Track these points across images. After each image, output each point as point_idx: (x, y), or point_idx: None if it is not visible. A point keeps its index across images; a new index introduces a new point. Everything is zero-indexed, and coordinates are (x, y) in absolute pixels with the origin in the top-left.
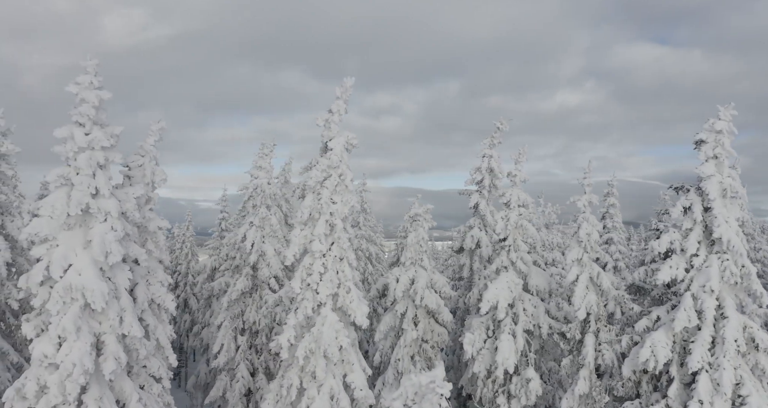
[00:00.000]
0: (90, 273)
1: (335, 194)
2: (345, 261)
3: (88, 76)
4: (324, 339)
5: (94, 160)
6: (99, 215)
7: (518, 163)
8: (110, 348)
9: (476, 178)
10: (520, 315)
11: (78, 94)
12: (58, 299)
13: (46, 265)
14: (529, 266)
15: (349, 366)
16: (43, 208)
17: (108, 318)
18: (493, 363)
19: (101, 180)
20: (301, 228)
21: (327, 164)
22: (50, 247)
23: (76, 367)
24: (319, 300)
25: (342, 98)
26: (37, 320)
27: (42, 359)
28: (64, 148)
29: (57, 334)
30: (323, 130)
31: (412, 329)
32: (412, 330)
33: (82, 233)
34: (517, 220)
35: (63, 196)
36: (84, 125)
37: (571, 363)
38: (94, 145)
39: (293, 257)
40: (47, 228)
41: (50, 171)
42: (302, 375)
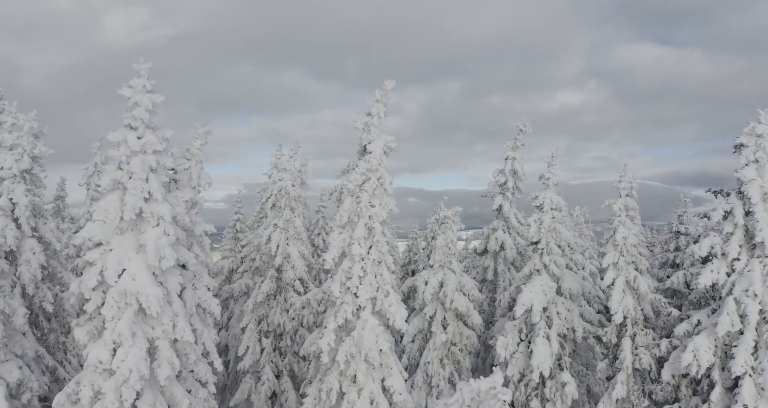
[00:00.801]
0: (144, 278)
1: (374, 198)
2: (383, 264)
3: (141, 80)
4: (365, 343)
5: (147, 164)
6: (152, 220)
7: (551, 165)
8: (164, 353)
9: (499, 181)
10: (554, 318)
11: (131, 97)
12: (112, 304)
13: (99, 270)
14: (562, 269)
15: (388, 370)
16: (97, 212)
17: (161, 323)
18: (527, 366)
19: (154, 184)
20: (340, 231)
21: (366, 167)
22: (104, 251)
23: (132, 373)
24: (359, 303)
25: (381, 101)
26: (89, 325)
27: (97, 365)
28: (117, 152)
29: (112, 339)
30: (362, 133)
31: (441, 332)
32: (441, 333)
33: (134, 237)
34: (551, 223)
35: (116, 200)
36: (137, 129)
37: (607, 367)
38: (146, 148)
39: (332, 260)
40: (101, 232)
41: (103, 175)
42: (341, 379)
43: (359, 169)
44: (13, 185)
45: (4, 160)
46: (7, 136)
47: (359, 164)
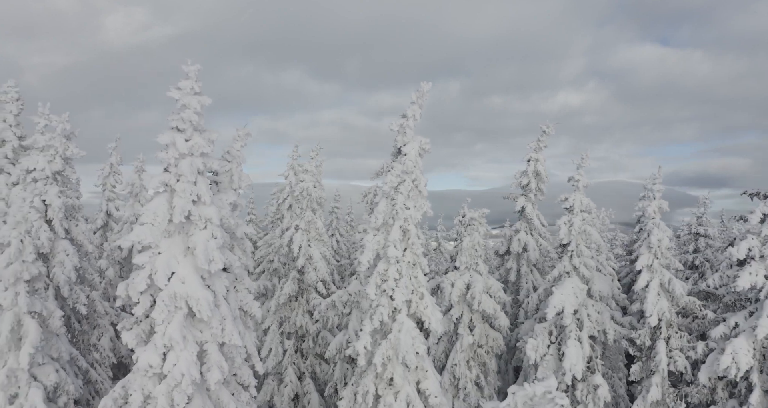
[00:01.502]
0: (193, 281)
1: (408, 200)
2: (418, 266)
3: (189, 82)
4: (402, 346)
5: (195, 167)
6: (199, 223)
7: (580, 167)
8: (213, 357)
9: (522, 182)
10: (585, 321)
11: (179, 99)
12: (163, 308)
13: (149, 273)
14: (591, 271)
15: (423, 373)
16: (145, 215)
17: (211, 327)
18: (558, 369)
19: (202, 187)
20: (374, 233)
21: (401, 169)
22: (152, 254)
23: (184, 377)
24: (394, 306)
25: (417, 103)
26: (137, 329)
27: (147, 369)
28: (166, 155)
29: (163, 343)
30: (397, 135)
31: (468, 334)
32: (468, 335)
33: (181, 240)
34: (581, 225)
35: (164, 203)
36: (185, 131)
37: (641, 369)
38: (194, 151)
39: (368, 263)
40: (150, 235)
41: (151, 177)
42: (377, 382)
43: (394, 171)
44: (46, 187)
45: (36, 162)
46: (40, 138)
47: (394, 166)
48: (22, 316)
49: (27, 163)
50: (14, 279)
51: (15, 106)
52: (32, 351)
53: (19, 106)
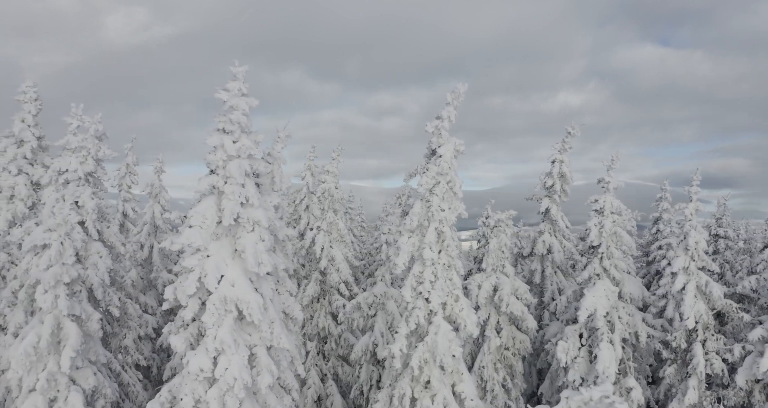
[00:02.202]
0: (243, 284)
1: (443, 201)
2: (453, 269)
3: (237, 83)
4: (439, 349)
5: (242, 169)
6: (247, 225)
7: (610, 169)
8: (262, 361)
9: (547, 183)
10: (616, 323)
11: (227, 101)
12: (214, 311)
13: (198, 276)
14: (622, 274)
15: (458, 375)
16: (194, 218)
17: (260, 330)
18: (589, 372)
19: (250, 189)
20: (409, 235)
21: (436, 171)
22: (201, 257)
23: (237, 382)
24: (430, 308)
25: (452, 104)
26: (185, 333)
27: (198, 373)
28: (214, 157)
29: (214, 347)
30: (432, 137)
31: (495, 337)
32: (495, 337)
33: (229, 243)
34: (612, 228)
35: (212, 205)
36: (232, 133)
37: (676, 372)
38: (241, 153)
39: (403, 265)
40: (199, 238)
41: (200, 180)
42: (413, 384)
43: (430, 173)
44: (79, 188)
45: (69, 163)
46: (72, 139)
47: (429, 168)
48: (61, 319)
49: (59, 164)
50: (54, 282)
51: (33, 106)
52: (73, 354)
53: (37, 106)
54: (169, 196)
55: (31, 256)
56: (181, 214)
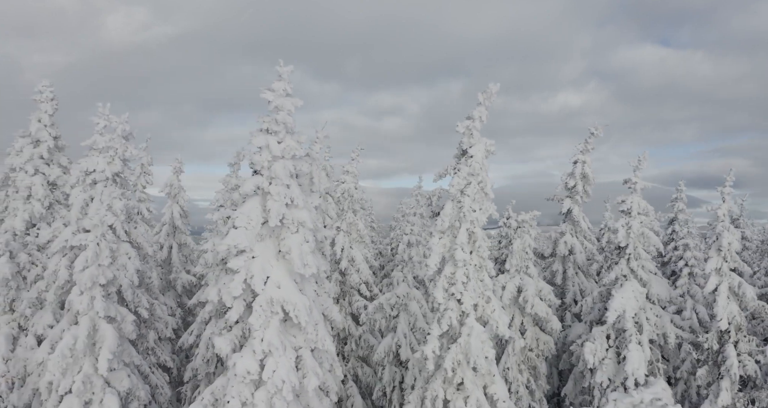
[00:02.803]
0: (289, 286)
1: (474, 202)
2: (484, 269)
3: (282, 83)
4: (472, 350)
5: (287, 169)
6: (291, 226)
7: (637, 170)
8: (308, 363)
9: (569, 184)
10: (644, 324)
11: (272, 101)
12: (261, 313)
13: (244, 278)
14: (649, 275)
15: (490, 377)
16: (239, 219)
17: (306, 332)
18: (617, 373)
19: (295, 190)
20: (440, 236)
21: (467, 172)
22: (247, 259)
23: (285, 384)
24: (462, 310)
25: (484, 104)
26: (230, 335)
27: (245, 375)
28: (259, 157)
29: (261, 349)
30: (463, 137)
31: (519, 338)
32: (519, 338)
33: (273, 244)
34: (639, 228)
35: (257, 206)
36: (277, 133)
37: (707, 373)
38: (286, 153)
39: (435, 266)
40: (245, 239)
41: (245, 181)
42: (445, 386)
43: (461, 174)
44: (107, 188)
45: (96, 163)
46: (99, 139)
47: (461, 168)
48: (97, 321)
49: (86, 165)
50: (91, 283)
51: (50, 105)
52: (110, 357)
53: (53, 106)
54: (188, 197)
55: (60, 257)
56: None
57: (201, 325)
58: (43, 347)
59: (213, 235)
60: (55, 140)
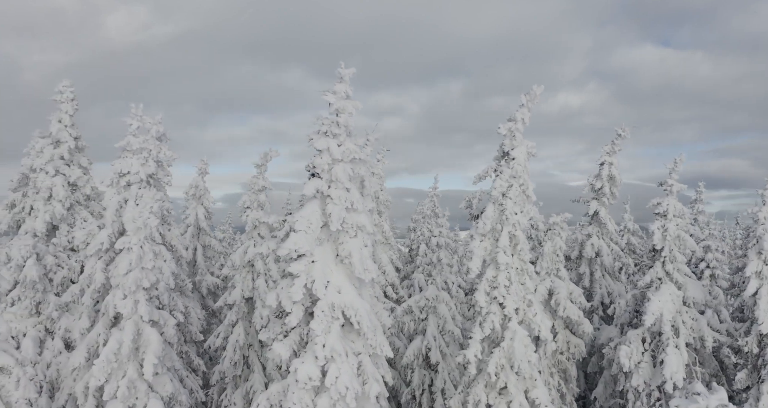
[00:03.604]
0: (350, 291)
1: (516, 205)
2: (525, 273)
3: (343, 85)
4: (516, 354)
5: (347, 173)
6: (350, 230)
7: (673, 172)
8: (368, 369)
9: (596, 186)
10: (680, 327)
11: (333, 103)
12: (322, 318)
13: (304, 282)
14: (684, 278)
15: (532, 382)
16: (299, 223)
17: (366, 337)
18: (654, 376)
19: (355, 193)
20: (481, 239)
21: (509, 174)
22: (307, 263)
23: (349, 391)
24: (505, 313)
25: (527, 106)
26: (289, 340)
27: (306, 381)
28: (320, 160)
29: (324, 355)
30: (504, 139)
31: (551, 341)
32: (551, 342)
33: (331, 248)
34: (675, 231)
35: (317, 209)
36: (337, 136)
37: (747, 377)
38: (345, 156)
39: (477, 269)
40: (306, 243)
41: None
42: (488, 391)
43: (503, 176)
44: (141, 190)
45: (130, 165)
46: (133, 140)
47: (503, 170)
48: (141, 325)
49: (120, 166)
50: (135, 287)
51: (70, 106)
52: (156, 361)
53: (74, 106)
54: (212, 198)
55: (95, 260)
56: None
57: (228, 328)
58: (80, 351)
59: (246, 238)
60: (76, 141)
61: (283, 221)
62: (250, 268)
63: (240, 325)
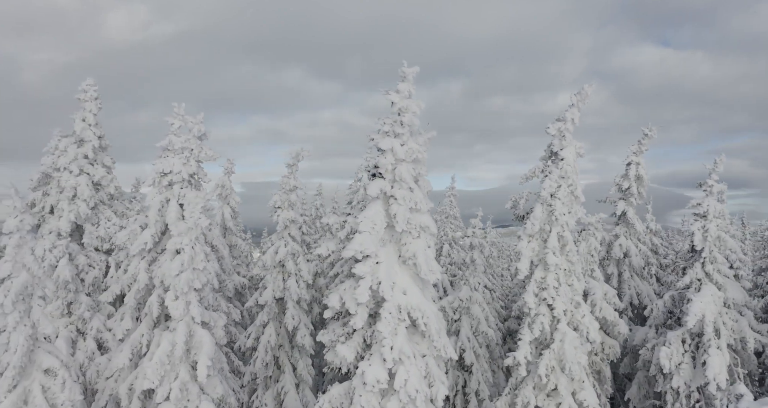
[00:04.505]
0: (415, 292)
1: (564, 205)
2: (572, 274)
3: (406, 85)
4: (567, 356)
5: (410, 173)
6: (413, 231)
7: (713, 172)
8: (434, 371)
9: (623, 186)
10: (721, 329)
11: (397, 103)
12: (390, 320)
13: (369, 284)
14: (724, 279)
15: (579, 383)
16: (364, 223)
17: (431, 340)
18: (694, 378)
19: (418, 194)
20: (528, 240)
21: (558, 174)
22: (372, 264)
23: (419, 394)
24: (554, 315)
25: (577, 106)
26: (353, 342)
27: (374, 384)
28: (384, 160)
29: (392, 357)
30: (553, 139)
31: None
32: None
33: (393, 249)
34: (716, 232)
35: (380, 210)
36: (400, 136)
37: None
38: (408, 156)
39: (526, 270)
40: (371, 244)
41: (370, 184)
42: (536, 393)
43: (552, 176)
44: (183, 190)
45: (172, 164)
46: (175, 139)
47: (552, 171)
48: (193, 327)
49: (161, 166)
50: (187, 288)
51: (94, 104)
52: (209, 363)
53: (98, 105)
54: (238, 198)
55: (138, 260)
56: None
57: (259, 328)
58: (123, 353)
59: (277, 238)
60: (100, 140)
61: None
62: (281, 269)
63: (271, 325)
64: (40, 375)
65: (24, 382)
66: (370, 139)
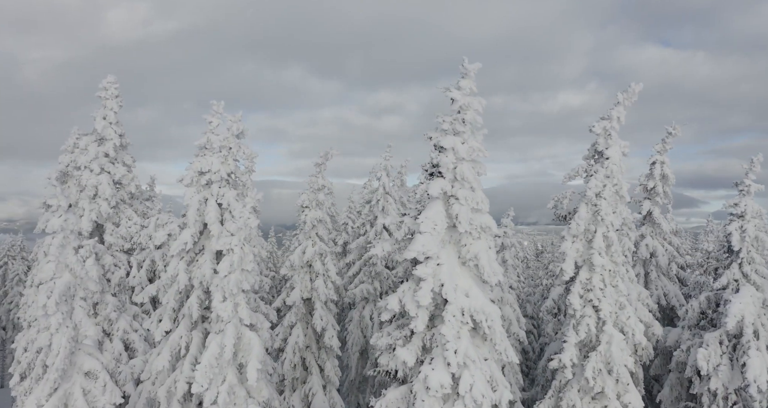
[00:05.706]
0: (479, 294)
1: (610, 205)
2: (617, 275)
3: (468, 81)
4: (614, 359)
5: (471, 172)
6: (474, 232)
7: (750, 172)
8: (497, 375)
9: (648, 186)
10: (760, 330)
11: (458, 100)
12: (453, 323)
13: (431, 286)
14: (762, 279)
15: (624, 386)
16: (425, 224)
17: (494, 343)
18: (732, 380)
19: (479, 193)
20: (572, 240)
21: (603, 174)
22: (434, 266)
23: (485, 399)
24: (600, 317)
25: (623, 104)
26: (413, 346)
27: (438, 389)
28: (445, 158)
29: (456, 361)
30: (598, 138)
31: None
32: None
33: (454, 250)
34: (754, 232)
35: (441, 210)
36: (462, 134)
37: None
38: (469, 155)
39: (571, 271)
40: (433, 245)
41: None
42: (581, 395)
43: (598, 176)
44: (222, 189)
45: (211, 163)
46: (213, 138)
47: (597, 170)
48: (241, 329)
49: (200, 165)
50: (236, 289)
51: (115, 102)
52: (259, 366)
53: (119, 103)
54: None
55: (177, 260)
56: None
57: (287, 329)
58: (162, 355)
59: (304, 238)
60: (120, 138)
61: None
62: (308, 269)
63: (299, 326)
64: (81, 378)
65: (65, 384)
66: (428, 137)
